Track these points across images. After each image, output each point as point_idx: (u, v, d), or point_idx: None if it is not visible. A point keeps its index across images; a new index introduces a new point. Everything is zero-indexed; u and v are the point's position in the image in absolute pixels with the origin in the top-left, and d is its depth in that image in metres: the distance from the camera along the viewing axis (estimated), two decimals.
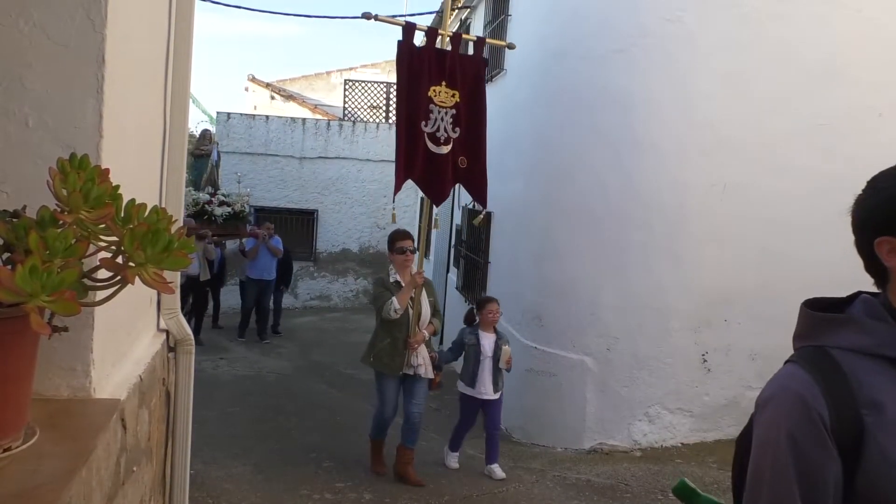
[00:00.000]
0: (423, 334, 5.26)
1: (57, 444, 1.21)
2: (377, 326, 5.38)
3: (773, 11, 6.02)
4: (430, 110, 5.06)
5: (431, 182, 5.18)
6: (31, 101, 1.40)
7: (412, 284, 5.16)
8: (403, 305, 5.09)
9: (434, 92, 5.07)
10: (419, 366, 5.23)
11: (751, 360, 6.27)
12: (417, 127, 5.02)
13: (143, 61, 1.83)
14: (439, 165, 5.12)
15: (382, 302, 5.13)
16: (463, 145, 5.22)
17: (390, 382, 5.27)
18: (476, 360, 5.44)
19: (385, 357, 5.20)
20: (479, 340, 5.47)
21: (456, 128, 5.16)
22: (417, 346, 5.20)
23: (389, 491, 5.12)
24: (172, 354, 2.34)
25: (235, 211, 11.77)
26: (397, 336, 5.18)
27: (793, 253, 6.20)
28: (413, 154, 5.02)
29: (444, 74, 5.13)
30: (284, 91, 18.99)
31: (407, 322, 5.18)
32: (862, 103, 6.24)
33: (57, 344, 1.35)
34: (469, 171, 5.30)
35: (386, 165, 15.12)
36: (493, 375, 5.45)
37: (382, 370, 5.24)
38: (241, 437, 6.30)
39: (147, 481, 1.95)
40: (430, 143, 5.08)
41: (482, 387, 5.44)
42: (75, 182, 1.11)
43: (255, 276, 10.84)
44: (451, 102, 5.15)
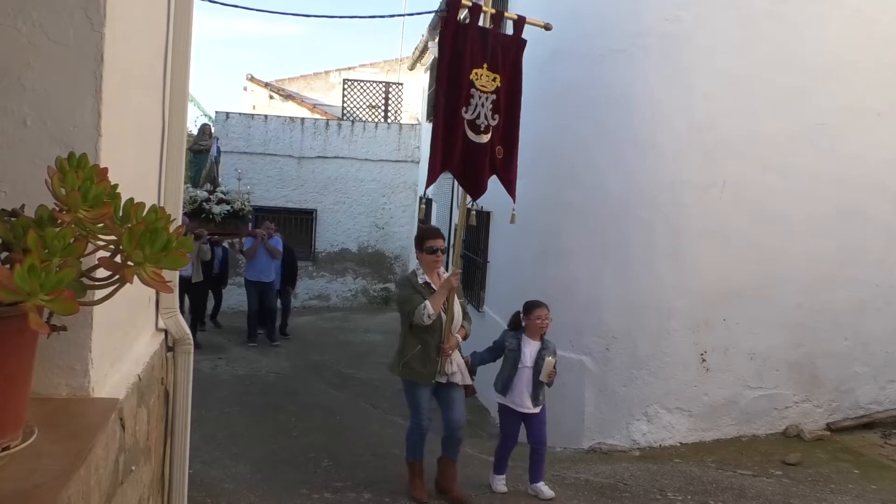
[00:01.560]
0: (457, 339, 4.83)
1: (55, 443, 1.21)
2: (404, 332, 4.87)
3: (773, 11, 6.02)
4: (471, 95, 4.59)
5: (469, 174, 4.74)
6: (29, 101, 1.39)
7: (447, 287, 4.72)
8: (437, 310, 4.64)
9: (476, 75, 4.62)
10: (454, 373, 4.79)
11: (749, 360, 6.28)
12: (458, 113, 4.56)
13: (141, 61, 1.83)
14: (478, 156, 4.68)
15: (412, 306, 4.65)
16: (501, 134, 4.79)
17: (423, 392, 4.81)
18: (513, 367, 4.93)
19: (416, 365, 4.73)
20: (520, 347, 4.94)
21: (495, 115, 4.71)
22: (452, 351, 4.77)
23: (389, 491, 5.12)
24: (171, 354, 2.34)
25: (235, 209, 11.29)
26: (429, 342, 4.72)
27: (792, 252, 6.21)
28: (452, 143, 4.57)
29: (486, 56, 4.66)
30: (283, 90, 18.98)
31: (440, 327, 4.72)
32: (861, 103, 6.25)
33: (55, 343, 1.35)
34: (505, 162, 4.87)
35: (385, 165, 15.13)
36: (533, 388, 4.91)
37: (414, 379, 4.77)
38: (240, 436, 6.30)
39: (146, 481, 1.95)
40: (470, 131, 4.64)
41: (517, 397, 4.92)
42: (74, 181, 1.11)
43: (252, 277, 10.52)
44: (492, 87, 4.69)
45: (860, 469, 5.61)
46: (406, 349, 4.79)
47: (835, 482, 5.34)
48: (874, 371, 6.58)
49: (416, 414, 4.87)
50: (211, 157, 11.70)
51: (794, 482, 5.34)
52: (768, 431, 6.33)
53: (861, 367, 6.54)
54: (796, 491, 5.17)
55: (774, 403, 6.36)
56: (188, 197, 11.04)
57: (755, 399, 6.31)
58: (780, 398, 6.37)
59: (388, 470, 5.56)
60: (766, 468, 5.63)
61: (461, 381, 4.84)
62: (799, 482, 5.34)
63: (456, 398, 4.86)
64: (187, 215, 10.33)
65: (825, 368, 6.44)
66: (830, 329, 6.39)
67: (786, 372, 6.35)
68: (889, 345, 6.57)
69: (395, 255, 15.52)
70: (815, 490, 5.20)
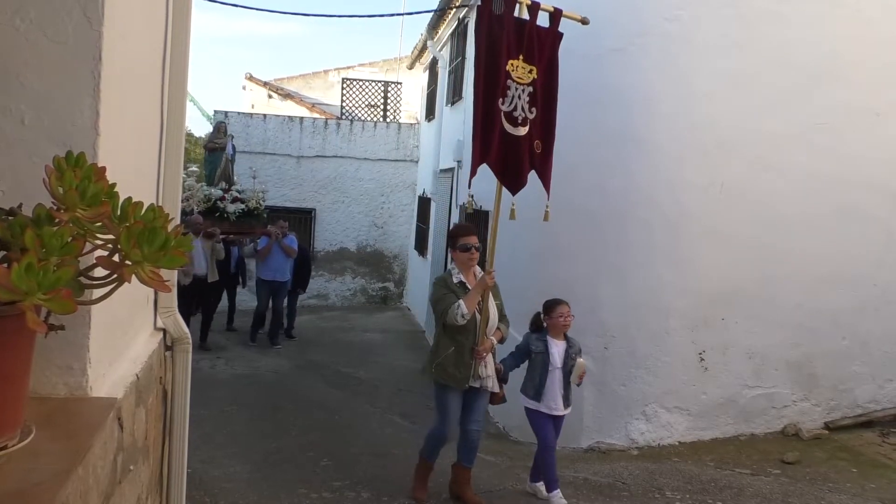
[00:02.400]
0: (492, 341, 4.66)
1: (53, 442, 1.21)
2: (438, 333, 4.72)
3: (772, 11, 6.02)
4: (507, 86, 4.46)
5: (508, 167, 4.56)
6: (27, 99, 1.39)
7: (482, 286, 4.57)
8: (471, 310, 4.49)
9: (512, 66, 4.49)
10: (487, 377, 4.63)
11: (748, 359, 6.28)
12: (494, 105, 4.42)
13: (140, 59, 1.83)
14: (516, 149, 4.53)
15: (446, 305, 4.50)
16: (538, 128, 4.64)
17: (455, 396, 4.64)
18: (543, 370, 4.76)
19: (450, 367, 4.57)
20: (547, 348, 4.79)
21: (532, 108, 4.58)
22: (486, 354, 4.61)
23: (387, 490, 5.12)
24: (169, 353, 2.34)
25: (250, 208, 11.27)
26: (463, 344, 4.57)
27: (791, 252, 6.22)
28: (489, 135, 4.43)
29: (522, 47, 4.52)
30: (282, 90, 18.97)
31: (474, 328, 4.57)
32: (860, 103, 6.25)
33: (53, 342, 1.35)
34: (543, 157, 4.70)
35: (384, 164, 15.13)
36: (564, 389, 4.79)
37: (447, 382, 4.60)
38: (239, 435, 6.30)
39: (144, 480, 1.95)
40: (507, 123, 4.49)
41: (551, 401, 4.76)
42: (72, 180, 1.11)
43: (267, 277, 10.23)
44: (529, 79, 4.56)
45: (858, 468, 5.62)
46: (439, 350, 4.64)
47: (833, 481, 5.35)
48: (872, 370, 6.59)
49: (443, 418, 4.70)
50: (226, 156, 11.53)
51: (792, 481, 5.35)
52: (766, 430, 6.34)
53: (859, 367, 6.55)
54: (794, 490, 5.18)
55: (773, 402, 6.37)
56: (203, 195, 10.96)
57: (754, 398, 6.32)
58: (779, 397, 6.38)
59: (386, 469, 5.56)
60: (764, 467, 5.64)
61: (492, 388, 4.67)
62: (797, 481, 5.35)
63: (479, 405, 4.71)
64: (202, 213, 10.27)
65: (823, 368, 6.45)
66: (829, 328, 6.40)
67: (784, 371, 6.36)
68: (887, 344, 6.58)
69: (393, 255, 15.52)
70: (813, 489, 5.21)
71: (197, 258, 9.09)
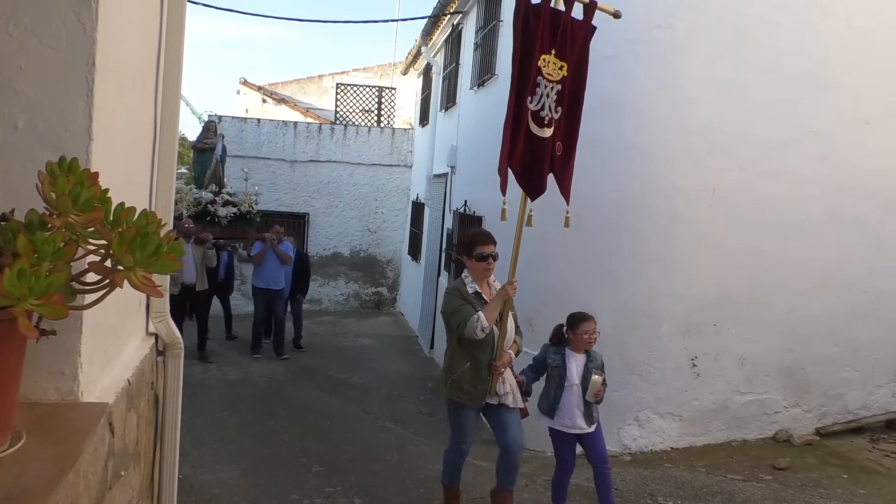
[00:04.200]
0: (510, 355, 4.36)
1: (44, 448, 1.21)
2: (453, 347, 4.37)
3: (763, 19, 6.07)
4: (537, 84, 4.15)
5: (530, 171, 4.27)
6: (20, 104, 1.39)
7: (503, 297, 4.23)
8: (491, 322, 4.17)
9: (544, 62, 4.17)
10: (506, 394, 4.32)
11: (740, 365, 6.30)
12: (524, 103, 4.13)
13: (133, 64, 1.83)
14: (540, 151, 4.23)
15: (464, 317, 4.16)
16: (561, 129, 4.34)
17: (469, 414, 4.37)
18: (559, 385, 4.49)
19: (466, 384, 4.26)
20: (564, 363, 4.51)
21: (559, 107, 4.26)
22: (504, 369, 4.30)
23: (380, 495, 5.11)
24: (161, 358, 2.34)
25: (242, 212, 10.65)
26: (480, 359, 4.25)
27: (782, 258, 6.25)
28: (516, 137, 4.16)
29: (556, 41, 4.19)
30: (276, 94, 18.98)
31: (492, 342, 4.25)
32: (850, 111, 6.30)
33: (44, 347, 1.35)
34: (563, 160, 4.42)
35: (378, 169, 15.13)
36: (585, 405, 4.47)
37: (462, 400, 4.30)
38: (231, 441, 6.27)
39: (135, 486, 1.94)
40: (534, 123, 4.18)
41: (566, 418, 4.48)
42: (64, 185, 1.11)
43: (260, 284, 9.73)
44: (558, 76, 4.23)
45: (849, 474, 5.64)
46: (454, 366, 4.31)
47: (824, 487, 5.37)
48: (863, 376, 6.63)
49: (458, 436, 4.43)
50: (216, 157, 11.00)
51: (783, 487, 5.37)
52: (758, 436, 6.36)
53: (850, 373, 6.58)
54: (786, 495, 5.19)
55: (764, 408, 6.39)
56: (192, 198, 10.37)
57: (745, 404, 6.34)
58: (770, 403, 6.40)
59: (379, 475, 5.56)
60: (755, 473, 5.66)
61: (513, 404, 4.36)
62: (788, 487, 5.37)
63: (511, 420, 4.38)
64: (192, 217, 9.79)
65: (815, 373, 6.48)
66: (820, 334, 6.43)
67: (776, 377, 6.38)
68: (878, 350, 6.62)
69: (387, 260, 15.51)
70: (804, 494, 5.23)
71: (186, 265, 8.64)
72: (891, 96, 6.40)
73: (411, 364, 10.33)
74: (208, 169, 10.90)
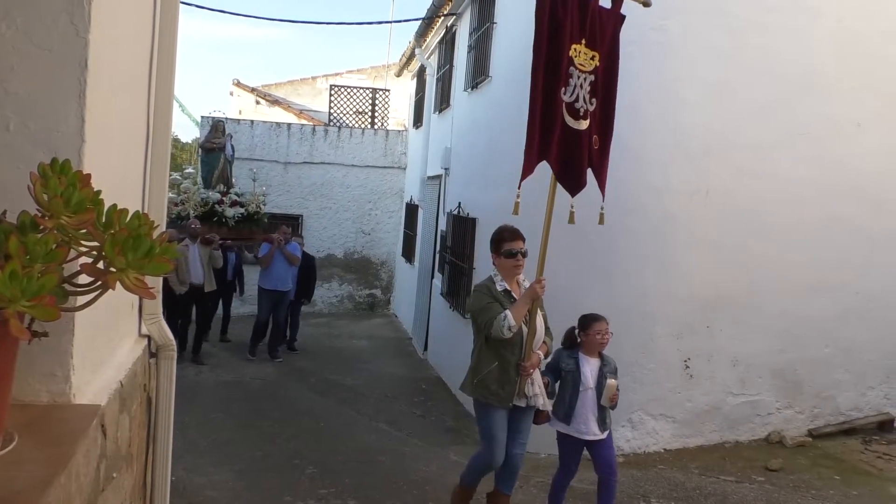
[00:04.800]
0: (538, 355, 4.24)
1: (36, 449, 1.20)
2: (480, 346, 4.25)
3: (756, 22, 6.10)
4: (569, 74, 3.99)
5: (568, 166, 4.09)
6: (13, 105, 1.39)
7: (532, 295, 4.10)
8: (519, 321, 4.05)
9: (575, 52, 4.01)
10: (535, 395, 4.19)
11: (733, 367, 6.32)
12: (556, 95, 3.96)
13: (126, 65, 1.83)
14: (577, 145, 4.07)
15: (491, 316, 4.05)
16: (597, 122, 4.20)
17: (499, 416, 4.18)
18: (574, 390, 4.35)
19: (493, 384, 4.13)
20: (578, 367, 4.38)
21: (593, 99, 4.13)
22: (533, 370, 4.17)
23: (374, 497, 5.10)
24: (154, 360, 2.33)
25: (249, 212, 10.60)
26: (508, 359, 4.13)
27: (775, 259, 6.28)
28: (549, 129, 3.96)
29: (585, 30, 4.06)
30: (270, 96, 18.96)
31: (520, 341, 4.13)
32: (841, 112, 6.34)
33: (36, 349, 1.35)
34: (600, 154, 4.28)
35: (371, 171, 15.13)
36: (599, 410, 4.35)
37: (490, 401, 4.15)
38: (224, 443, 6.25)
39: (127, 487, 1.94)
40: (569, 115, 4.01)
41: (581, 424, 4.34)
42: (56, 187, 1.11)
43: (268, 286, 9.53)
44: (591, 67, 4.10)
45: (841, 475, 5.66)
46: (481, 366, 4.19)
47: (816, 488, 5.39)
48: (855, 378, 6.66)
49: (490, 443, 4.23)
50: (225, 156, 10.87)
51: (776, 488, 5.38)
52: (751, 438, 6.38)
53: (842, 374, 6.61)
54: (778, 497, 5.21)
55: (757, 410, 6.41)
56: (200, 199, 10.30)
57: (738, 406, 6.36)
58: (763, 405, 6.43)
59: (373, 476, 5.55)
60: (748, 474, 5.67)
61: (543, 406, 4.26)
62: (781, 488, 5.39)
63: (524, 425, 4.29)
64: (199, 218, 9.70)
65: (807, 375, 6.51)
66: (812, 336, 6.46)
67: (768, 378, 6.41)
68: (870, 352, 6.65)
69: (381, 262, 15.50)
70: (796, 496, 5.25)
71: (193, 266, 8.69)
72: (883, 98, 6.45)
73: (405, 366, 10.32)
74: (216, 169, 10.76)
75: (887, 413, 6.74)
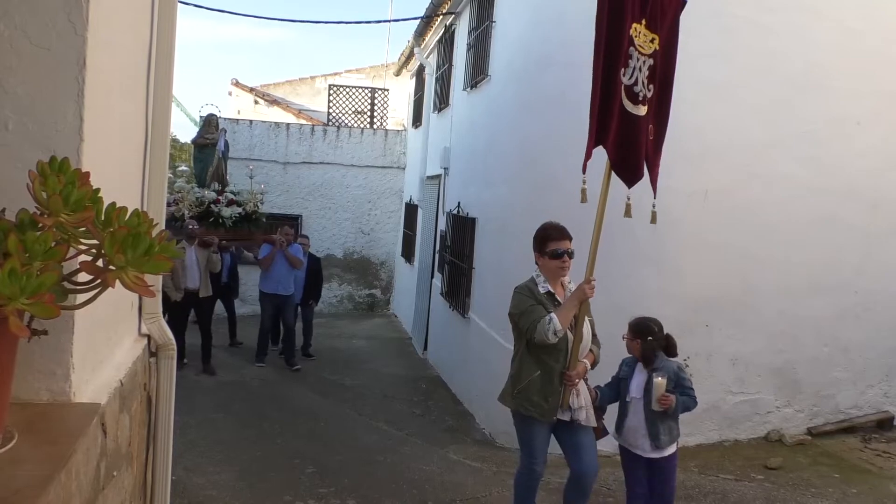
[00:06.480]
0: (585, 364, 3.94)
1: (35, 448, 1.20)
2: (521, 353, 3.94)
3: (756, 22, 6.09)
4: (629, 55, 3.71)
5: (625, 153, 3.83)
6: (11, 104, 1.39)
7: (580, 298, 3.84)
8: (565, 326, 3.77)
9: (635, 31, 3.73)
10: (580, 408, 3.88)
11: (731, 366, 6.32)
12: (616, 76, 3.69)
13: (125, 65, 1.83)
14: (635, 132, 3.81)
15: (535, 319, 3.76)
16: (654, 109, 3.92)
17: (541, 430, 3.90)
18: (624, 399, 4.09)
19: (535, 395, 3.82)
20: (632, 374, 4.10)
21: (651, 84, 3.85)
22: (578, 380, 3.87)
23: (373, 497, 5.11)
24: (154, 359, 2.33)
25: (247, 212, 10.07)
26: (552, 367, 3.82)
27: (774, 259, 6.27)
28: (607, 112, 3.71)
29: (646, 10, 3.79)
30: (268, 96, 18.95)
31: (565, 348, 3.83)
32: (841, 112, 6.34)
33: (36, 347, 1.35)
34: (655, 145, 4.02)
35: (370, 171, 15.13)
36: (648, 424, 3.93)
37: (531, 413, 3.85)
38: (224, 443, 6.26)
39: (127, 487, 1.94)
40: (628, 99, 3.74)
41: (630, 437, 4.03)
42: (55, 185, 1.11)
43: (268, 290, 9.19)
44: (650, 50, 3.81)
45: (840, 473, 5.67)
46: (522, 374, 3.89)
47: (815, 486, 5.40)
48: (854, 376, 6.66)
49: (530, 455, 3.96)
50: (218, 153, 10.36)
51: (775, 486, 5.39)
52: (750, 436, 6.38)
53: (841, 373, 6.62)
54: (778, 495, 5.22)
55: (756, 409, 6.42)
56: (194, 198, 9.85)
57: (737, 404, 6.36)
58: (762, 403, 6.43)
59: (372, 476, 5.55)
60: (748, 473, 5.68)
61: (585, 421, 3.91)
62: (780, 486, 5.39)
63: (585, 441, 3.94)
64: (194, 219, 9.31)
65: (806, 374, 6.51)
66: (811, 335, 6.46)
67: (767, 377, 6.41)
68: (868, 350, 6.65)
69: (380, 262, 15.50)
70: (796, 494, 5.25)
71: (190, 270, 8.25)
72: (882, 98, 6.45)
73: (405, 366, 10.33)
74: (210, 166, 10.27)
75: (886, 411, 6.75)
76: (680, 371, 4.09)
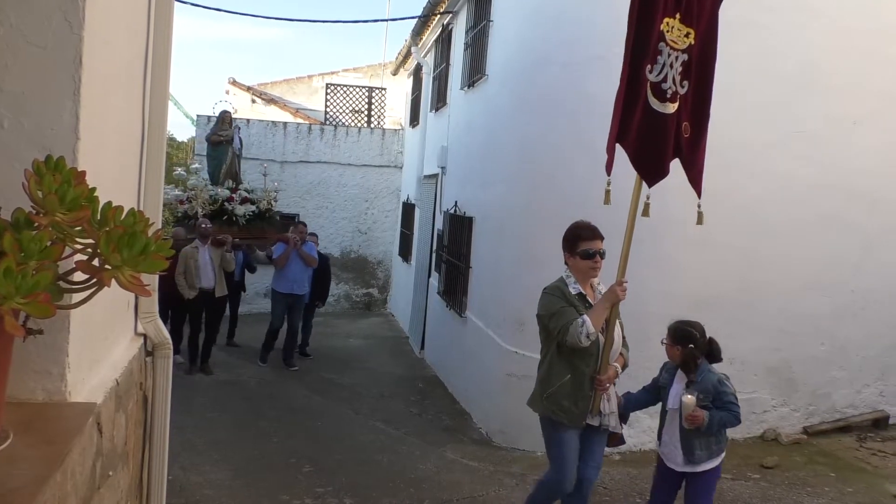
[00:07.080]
0: (615, 368, 3.84)
1: (31, 447, 1.20)
2: (550, 355, 3.83)
3: (753, 21, 6.10)
4: (658, 51, 3.61)
5: (646, 152, 3.73)
6: (7, 103, 1.39)
7: (612, 300, 3.74)
8: (598, 328, 3.67)
9: (667, 26, 3.61)
10: (611, 414, 3.81)
11: (728, 365, 6.29)
12: (641, 72, 3.60)
13: (121, 63, 1.82)
14: (660, 129, 3.69)
15: (566, 321, 3.64)
16: (689, 107, 3.81)
17: (571, 437, 3.76)
18: (663, 408, 3.96)
19: (565, 400, 3.71)
20: (671, 381, 3.93)
21: (685, 81, 3.72)
22: (609, 384, 3.78)
23: (370, 496, 5.11)
24: (150, 358, 2.33)
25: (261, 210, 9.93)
26: (582, 371, 3.72)
27: (771, 258, 6.29)
28: (630, 110, 3.63)
29: (682, 4, 3.66)
30: (266, 94, 18.93)
31: (597, 352, 3.73)
32: (838, 111, 6.36)
33: (32, 347, 1.35)
34: (692, 144, 3.90)
35: (368, 170, 15.11)
36: (682, 437, 3.78)
37: (560, 419, 3.74)
38: (221, 442, 6.25)
39: (123, 486, 1.94)
40: (653, 96, 3.64)
41: (665, 447, 3.91)
42: (51, 184, 1.11)
43: (282, 289, 8.98)
44: (684, 45, 3.68)
45: (836, 472, 5.68)
46: (552, 378, 3.78)
47: (811, 485, 5.41)
48: (850, 375, 6.68)
49: (560, 466, 3.80)
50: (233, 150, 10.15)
51: (771, 485, 5.40)
52: (746, 435, 6.39)
53: (837, 372, 6.63)
54: (773, 494, 5.23)
55: (752, 407, 6.42)
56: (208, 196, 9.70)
57: None
58: (759, 402, 6.44)
59: (369, 475, 5.55)
60: (743, 471, 5.69)
61: (615, 427, 3.86)
62: (776, 485, 5.40)
63: (597, 447, 3.89)
64: (207, 216, 9.17)
65: (802, 373, 6.52)
66: (808, 334, 6.48)
67: (764, 376, 6.42)
68: (865, 349, 6.67)
69: (377, 261, 15.49)
70: (791, 493, 5.26)
71: (204, 269, 8.16)
72: (879, 97, 6.46)
73: (402, 365, 10.32)
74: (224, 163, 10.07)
75: (882, 410, 6.77)
76: (720, 384, 3.88)
